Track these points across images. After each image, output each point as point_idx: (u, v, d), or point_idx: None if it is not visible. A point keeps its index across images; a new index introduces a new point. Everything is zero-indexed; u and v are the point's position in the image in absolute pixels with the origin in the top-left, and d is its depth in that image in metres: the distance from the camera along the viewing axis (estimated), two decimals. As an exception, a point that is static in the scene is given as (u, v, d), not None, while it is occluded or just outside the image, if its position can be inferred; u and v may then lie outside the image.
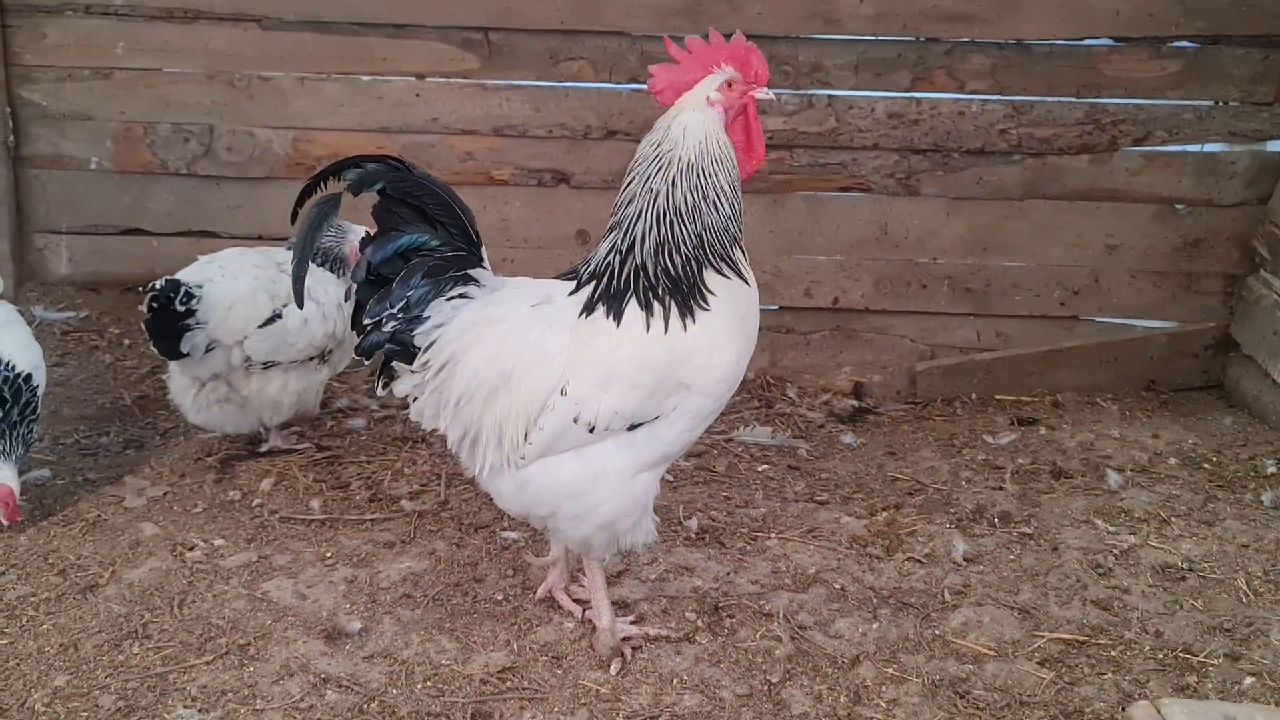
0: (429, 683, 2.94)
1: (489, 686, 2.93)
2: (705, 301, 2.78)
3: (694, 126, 2.81)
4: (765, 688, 2.95)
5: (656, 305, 2.77)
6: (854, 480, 4.18)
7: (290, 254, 4.14)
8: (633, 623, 3.18)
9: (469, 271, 2.86)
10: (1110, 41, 4.80)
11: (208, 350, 3.92)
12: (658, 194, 2.80)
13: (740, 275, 2.85)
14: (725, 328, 2.80)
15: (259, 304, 3.99)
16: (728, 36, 2.91)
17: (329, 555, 3.54)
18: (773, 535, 3.69)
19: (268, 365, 4.03)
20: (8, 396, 3.52)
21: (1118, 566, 3.43)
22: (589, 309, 2.82)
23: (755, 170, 2.96)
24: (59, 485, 3.98)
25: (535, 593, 3.32)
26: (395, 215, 2.82)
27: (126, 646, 3.07)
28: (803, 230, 5.13)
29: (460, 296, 2.85)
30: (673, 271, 2.78)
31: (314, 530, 3.71)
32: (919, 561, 3.53)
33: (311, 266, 4.13)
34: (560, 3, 4.97)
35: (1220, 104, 4.83)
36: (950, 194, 5.03)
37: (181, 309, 3.80)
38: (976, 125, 4.92)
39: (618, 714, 2.84)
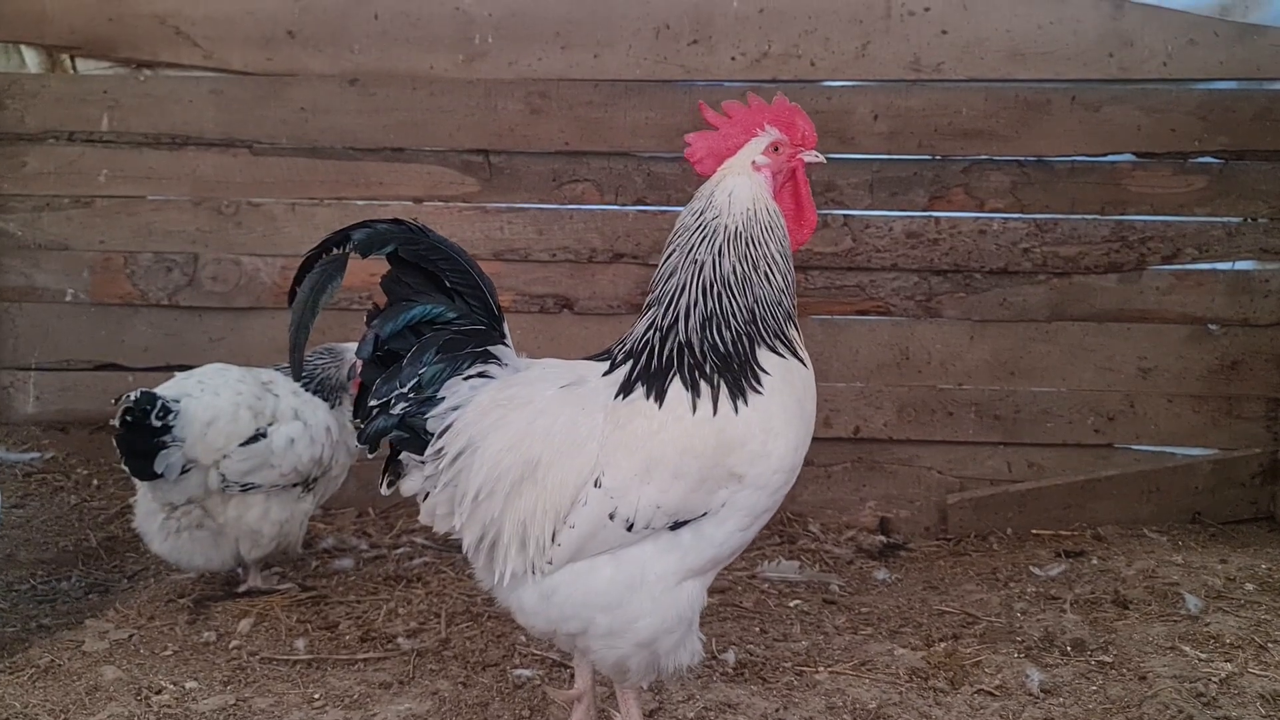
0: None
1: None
2: (758, 382, 2.46)
3: (740, 192, 2.56)
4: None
5: (704, 384, 2.45)
6: (898, 614, 3.78)
7: (277, 374, 3.87)
8: (674, 765, 2.73)
9: (490, 348, 2.55)
10: (1133, 157, 4.67)
11: (184, 471, 3.56)
12: (703, 265, 2.52)
13: (796, 354, 2.54)
14: (781, 411, 2.48)
15: (241, 420, 3.67)
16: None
17: (317, 697, 3.09)
18: (821, 669, 3.27)
19: (246, 488, 3.66)
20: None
21: (1222, 696, 3.02)
22: (627, 389, 2.49)
23: (807, 239, 2.70)
24: (7, 633, 3.53)
25: (557, 734, 2.87)
26: (406, 284, 2.52)
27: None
28: (820, 355, 4.85)
29: (480, 375, 2.52)
30: (722, 348, 2.47)
31: (299, 672, 3.27)
32: (991, 694, 3.11)
33: (301, 389, 3.84)
34: (564, 124, 4.82)
35: (1249, 220, 4.67)
36: (973, 316, 4.80)
37: (157, 424, 3.47)
38: (998, 244, 4.73)
39: None
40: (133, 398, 3.45)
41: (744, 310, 2.50)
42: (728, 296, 2.51)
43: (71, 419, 5.05)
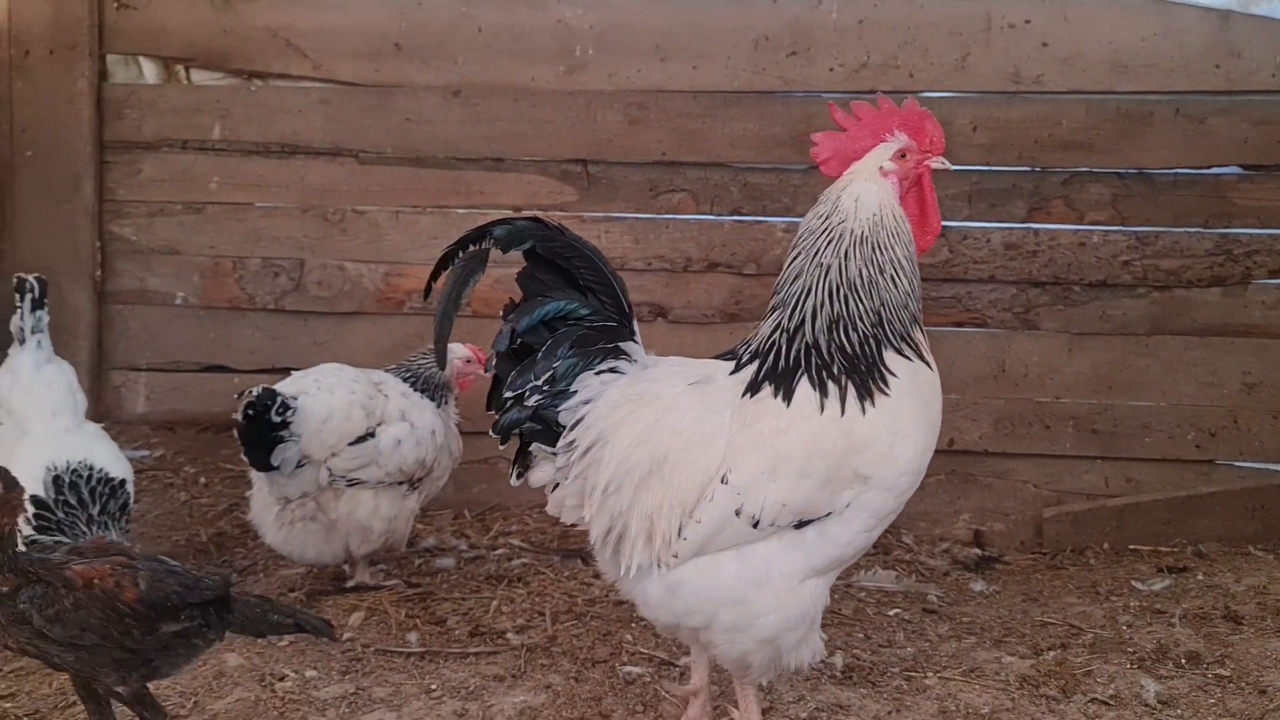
0: (564, 825, 2.52)
1: (635, 829, 2.50)
2: (886, 384, 2.49)
3: (867, 197, 2.58)
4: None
5: (831, 385, 2.48)
6: (1000, 624, 3.77)
7: (388, 375, 3.97)
8: (791, 762, 2.75)
9: (620, 344, 2.61)
10: (1239, 170, 4.61)
11: (298, 465, 3.67)
12: (829, 268, 2.56)
13: (922, 357, 2.56)
14: (908, 414, 2.50)
15: (354, 419, 3.77)
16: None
17: (434, 688, 3.16)
18: (930, 674, 3.28)
19: (352, 483, 3.75)
20: (105, 501, 3.27)
21: (1347, 710, 2.98)
22: (754, 388, 2.53)
23: (931, 245, 2.73)
24: (130, 619, 3.64)
25: (673, 729, 2.91)
26: (541, 281, 2.59)
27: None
28: (916, 366, 4.85)
29: (611, 371, 2.58)
30: (849, 350, 2.51)
31: (413, 663, 3.34)
32: (1105, 704, 3.09)
33: (410, 391, 3.93)
34: (662, 134, 4.89)
35: (1359, 233, 4.59)
36: (1072, 329, 4.76)
37: (276, 419, 3.59)
38: (1098, 257, 4.70)
39: None
40: (254, 393, 3.56)
41: (870, 313, 2.53)
42: (854, 299, 2.54)
43: (180, 419, 5.20)
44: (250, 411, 3.55)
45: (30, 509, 3.19)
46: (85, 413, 3.77)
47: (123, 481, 3.43)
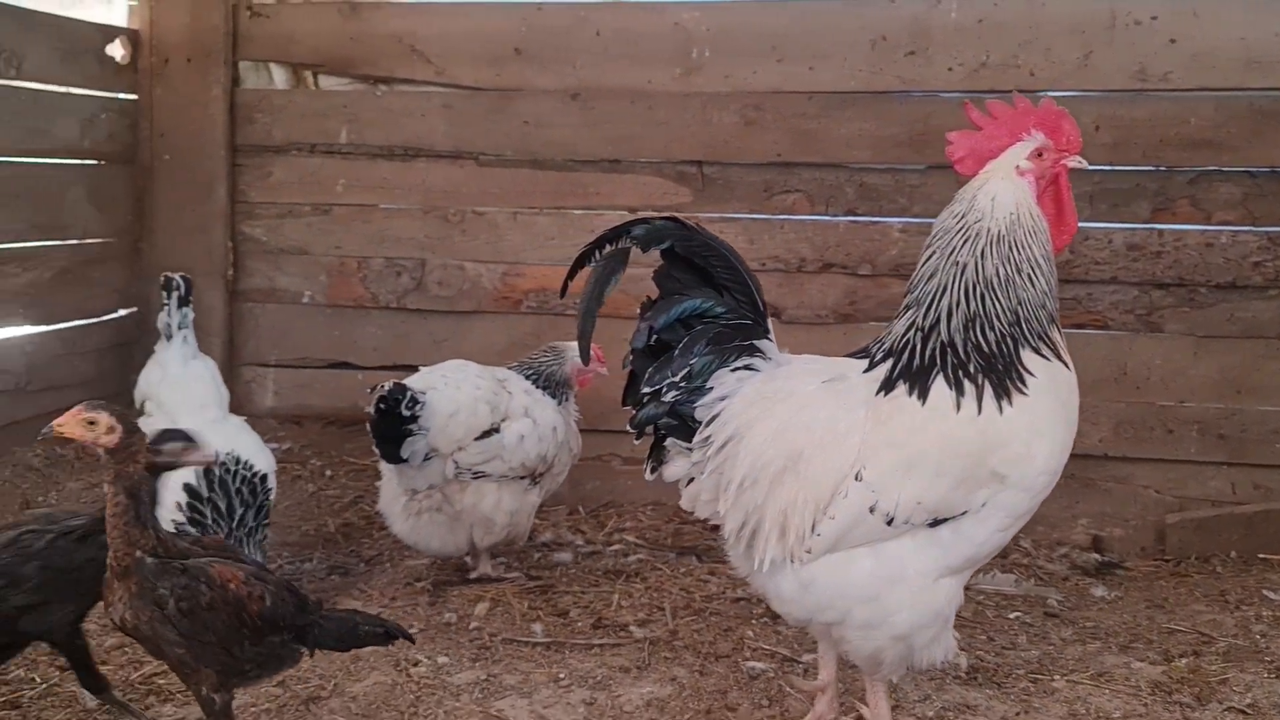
0: (697, 813, 2.56)
1: (768, 820, 2.54)
2: (1023, 383, 2.49)
3: (1003, 196, 2.58)
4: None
5: (968, 384, 2.48)
6: (1126, 629, 3.71)
7: (511, 372, 4.06)
8: (921, 760, 2.76)
9: (755, 342, 2.65)
10: (1376, 168, 4.48)
11: (426, 458, 3.77)
12: (965, 267, 2.56)
13: (1059, 357, 2.55)
14: (1046, 413, 2.49)
15: (479, 414, 3.86)
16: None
17: (562, 676, 3.23)
18: (1057, 677, 3.25)
19: (477, 475, 3.85)
20: (248, 497, 3.41)
21: None
22: (888, 386, 2.55)
23: (1067, 245, 2.71)
24: (266, 604, 3.78)
25: (801, 724, 2.94)
26: (677, 279, 2.64)
27: None
28: (1034, 368, 4.79)
29: (746, 368, 2.62)
30: (985, 349, 2.50)
31: (539, 653, 3.42)
32: (1243, 712, 3.04)
33: (532, 388, 4.02)
34: (778, 135, 4.91)
35: None
36: (1197, 331, 4.66)
37: (406, 413, 3.69)
38: (1226, 258, 4.60)
39: None
40: (386, 388, 3.68)
41: (1008, 312, 2.53)
42: (990, 299, 2.54)
43: (306, 413, 5.38)
44: (382, 405, 3.67)
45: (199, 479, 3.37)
46: (227, 406, 3.93)
47: (265, 475, 3.58)
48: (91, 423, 2.33)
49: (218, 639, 2.43)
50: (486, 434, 3.89)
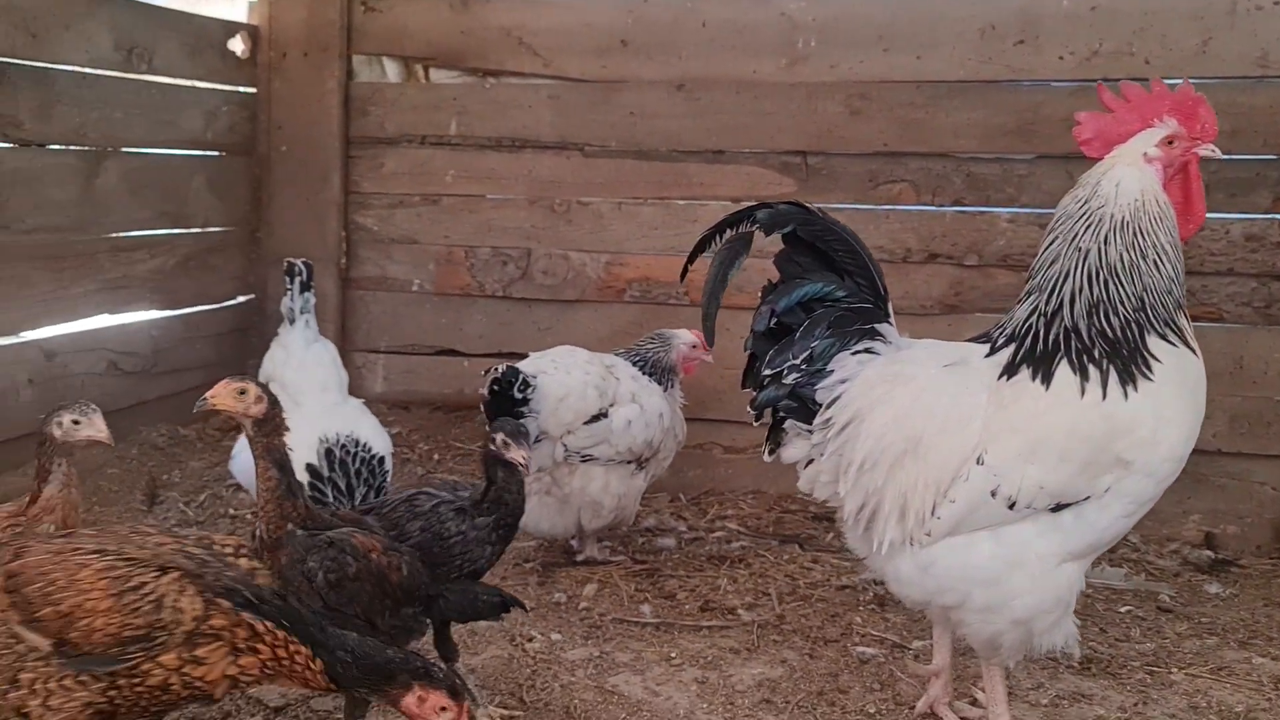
0: (815, 790, 2.60)
1: (885, 799, 2.56)
2: (1149, 369, 2.47)
3: (1128, 183, 2.56)
4: (1221, 829, 2.47)
5: (1093, 369, 2.48)
6: (1244, 626, 3.64)
7: (618, 359, 4.13)
8: (1038, 746, 2.76)
9: (875, 326, 2.66)
10: None
11: (536, 441, 3.84)
12: (1088, 253, 2.55)
13: (1186, 343, 2.53)
14: (1173, 399, 2.47)
15: (588, 399, 3.92)
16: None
17: (673, 655, 3.29)
18: (1174, 670, 3.21)
19: (585, 459, 3.92)
20: (367, 477, 3.52)
21: None
22: (1011, 371, 2.55)
23: (1194, 233, 2.68)
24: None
25: (914, 707, 2.95)
26: (798, 263, 2.67)
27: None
28: (1145, 361, 4.71)
29: (866, 351, 2.64)
30: (1110, 334, 2.49)
31: (649, 633, 3.48)
32: (1369, 709, 2.97)
33: (639, 374, 4.07)
34: (884, 125, 4.90)
35: None
36: (1318, 325, 4.54)
37: (518, 396, 3.77)
38: (1353, 249, 4.47)
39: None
40: (500, 370, 3.76)
41: (1132, 298, 2.51)
42: (1114, 285, 2.52)
43: (414, 399, 5.51)
44: (495, 387, 3.75)
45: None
46: (347, 389, 4.06)
47: (383, 458, 3.69)
48: (241, 392, 2.45)
49: (361, 610, 2.51)
50: (595, 418, 3.96)
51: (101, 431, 2.61)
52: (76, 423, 2.60)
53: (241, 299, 5.54)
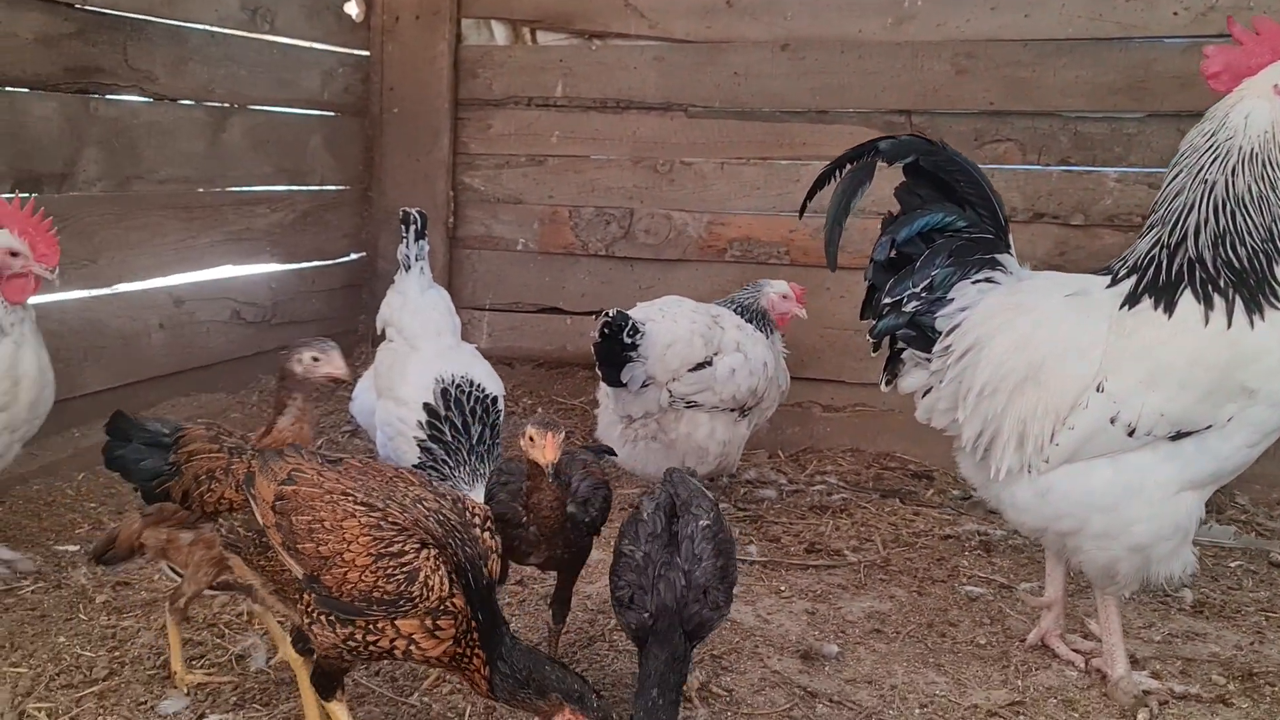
0: (927, 709, 2.66)
1: (998, 718, 2.60)
2: (1277, 298, 2.47)
3: (1258, 115, 2.56)
4: (1341, 758, 2.47)
5: (1217, 298, 2.49)
6: (1360, 581, 3.60)
7: (723, 309, 4.19)
8: (1151, 676, 2.77)
9: (996, 256, 2.70)
10: None
11: (643, 386, 3.93)
12: (1214, 184, 2.56)
13: (1317, 274, 2.52)
14: (1303, 329, 2.47)
15: (694, 347, 3.99)
16: None
17: (783, 589, 3.37)
18: (1290, 614, 3.20)
19: (690, 404, 3.99)
20: (481, 415, 3.63)
21: None
22: (1133, 301, 2.57)
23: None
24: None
25: (1025, 640, 2.98)
26: (919, 195, 2.72)
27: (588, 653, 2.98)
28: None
29: (986, 280, 2.68)
30: (1237, 264, 2.50)
31: (758, 570, 3.56)
32: None
33: (744, 324, 4.14)
34: (990, 84, 4.89)
35: None
36: None
37: (628, 340, 3.85)
38: None
39: (1165, 760, 2.45)
40: (611, 314, 3.86)
41: (1260, 229, 2.52)
42: (1242, 215, 2.53)
43: (517, 355, 5.65)
44: (606, 330, 3.85)
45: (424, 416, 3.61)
46: (460, 335, 4.19)
47: (496, 398, 3.81)
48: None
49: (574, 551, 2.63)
50: (699, 366, 4.03)
51: (340, 368, 2.65)
52: (316, 359, 2.65)
53: (354, 255, 5.72)
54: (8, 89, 3.86)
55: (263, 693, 2.69)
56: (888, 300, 2.70)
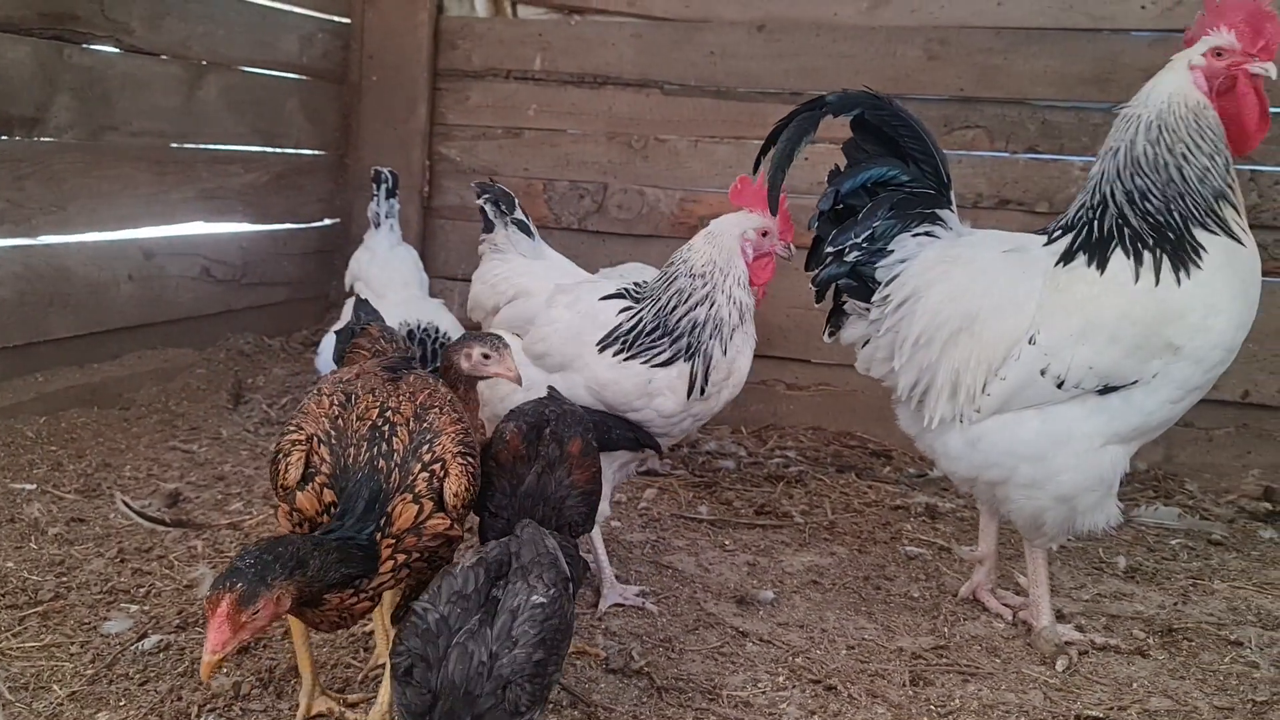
0: (854, 650, 2.71)
1: (922, 660, 2.66)
2: (1198, 257, 2.54)
3: (1161, 87, 2.65)
4: (1249, 705, 2.53)
5: (1146, 255, 2.56)
6: (1295, 560, 3.67)
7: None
8: (1075, 629, 2.83)
9: (937, 211, 2.76)
10: None
11: None
12: (1117, 150, 2.64)
13: (1231, 235, 2.59)
14: (1224, 288, 2.54)
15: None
16: None
17: (727, 544, 3.43)
18: (1217, 582, 3.27)
19: None
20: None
21: None
22: (1067, 258, 2.64)
23: (1250, 150, 2.71)
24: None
25: (956, 594, 3.04)
26: (865, 150, 2.78)
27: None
28: (1213, 312, 4.72)
29: (926, 234, 2.75)
30: (1153, 218, 2.57)
31: (706, 527, 3.62)
32: None
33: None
34: (961, 70, 4.95)
35: None
36: (1390, 282, 4.51)
37: None
38: None
39: (1075, 700, 2.51)
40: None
41: (1160, 186, 2.57)
42: (1140, 176, 2.60)
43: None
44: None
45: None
46: (428, 290, 4.24)
47: None
48: None
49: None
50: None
51: (510, 370, 2.44)
52: (486, 356, 2.45)
53: (328, 221, 5.76)
54: (-20, 30, 3.90)
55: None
56: (830, 250, 2.76)
